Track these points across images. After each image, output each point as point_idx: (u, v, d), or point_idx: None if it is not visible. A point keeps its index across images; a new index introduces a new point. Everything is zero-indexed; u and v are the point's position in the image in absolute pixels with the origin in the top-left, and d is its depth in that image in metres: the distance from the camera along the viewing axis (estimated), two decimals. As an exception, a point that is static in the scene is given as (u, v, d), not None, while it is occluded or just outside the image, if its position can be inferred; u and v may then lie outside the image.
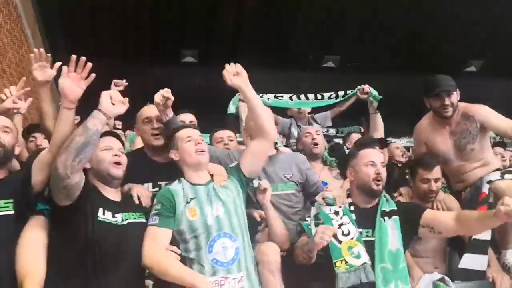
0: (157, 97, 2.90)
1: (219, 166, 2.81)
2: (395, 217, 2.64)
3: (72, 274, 2.28)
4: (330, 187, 3.43)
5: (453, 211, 3.00)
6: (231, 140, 3.80)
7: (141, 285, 2.47)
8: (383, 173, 2.72)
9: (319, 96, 4.45)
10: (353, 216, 2.67)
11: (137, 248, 2.40)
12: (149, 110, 3.06)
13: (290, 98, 4.63)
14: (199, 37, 9.87)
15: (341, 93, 4.39)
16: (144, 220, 2.53)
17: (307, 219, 2.75)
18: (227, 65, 2.64)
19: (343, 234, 2.59)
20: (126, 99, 2.33)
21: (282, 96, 4.59)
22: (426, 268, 2.93)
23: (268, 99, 4.50)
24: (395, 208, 2.70)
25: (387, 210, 2.68)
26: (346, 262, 2.51)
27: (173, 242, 2.49)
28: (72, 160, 2.20)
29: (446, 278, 2.66)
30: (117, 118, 5.59)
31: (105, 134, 2.61)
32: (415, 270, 2.74)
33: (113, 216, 2.42)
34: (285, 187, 3.11)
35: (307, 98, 4.47)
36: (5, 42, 6.18)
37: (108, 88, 3.08)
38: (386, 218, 2.64)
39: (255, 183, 2.86)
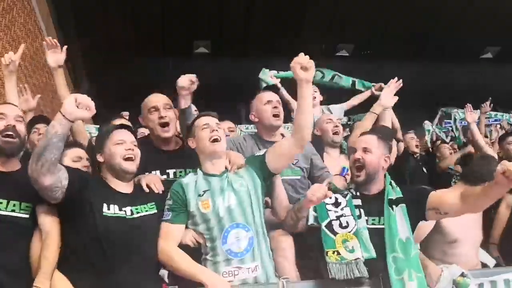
0: (184, 82, 2.90)
1: (236, 154, 2.79)
2: (402, 205, 2.60)
3: (83, 268, 2.30)
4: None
5: None
6: (231, 131, 3.75)
7: (156, 277, 2.47)
8: (366, 159, 2.65)
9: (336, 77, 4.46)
10: (359, 201, 2.64)
11: (151, 241, 2.42)
12: (155, 99, 2.98)
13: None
14: (211, 28, 9.86)
15: (359, 83, 4.38)
16: (156, 211, 2.52)
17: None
18: (300, 56, 2.44)
19: (340, 226, 2.55)
20: (92, 104, 2.25)
21: None
22: None
23: None
24: (401, 195, 2.65)
25: (394, 198, 2.63)
26: (339, 253, 2.48)
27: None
28: (35, 163, 2.17)
29: (465, 271, 2.57)
30: (125, 109, 5.60)
31: (118, 127, 2.60)
32: (431, 268, 2.63)
33: (120, 210, 2.41)
34: (291, 172, 3.07)
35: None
36: (19, 35, 6.22)
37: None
38: (394, 206, 2.60)
39: None
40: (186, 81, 2.89)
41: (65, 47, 2.97)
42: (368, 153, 2.66)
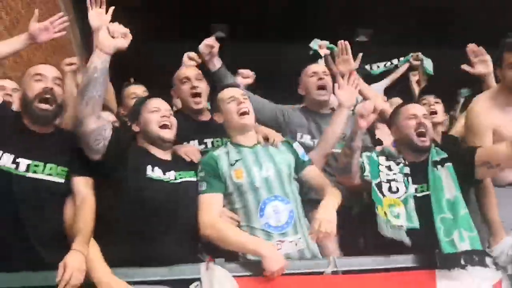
0: (202, 47, 2.94)
1: (274, 132, 2.71)
2: (448, 164, 2.51)
3: (123, 236, 2.22)
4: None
5: None
6: None
7: (196, 248, 2.39)
8: (428, 124, 2.59)
9: (374, 67, 4.34)
10: (408, 170, 2.54)
11: (193, 208, 2.35)
12: (187, 70, 3.05)
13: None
14: (229, 11, 9.76)
15: (394, 61, 4.28)
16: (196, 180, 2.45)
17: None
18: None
19: (390, 190, 2.48)
20: (127, 30, 2.19)
21: None
22: None
23: None
24: (446, 156, 2.56)
25: (438, 159, 2.55)
26: (386, 214, 2.41)
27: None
28: (80, 103, 2.14)
29: None
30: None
31: (153, 96, 2.57)
32: (499, 230, 2.49)
33: (164, 174, 2.35)
34: (339, 145, 2.91)
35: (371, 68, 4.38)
36: (40, 13, 6.16)
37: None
38: (439, 166, 2.52)
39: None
40: (204, 47, 2.93)
41: (111, 8, 2.75)
42: (427, 119, 2.61)
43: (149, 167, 2.32)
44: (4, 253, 2.13)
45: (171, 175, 2.37)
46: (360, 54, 3.01)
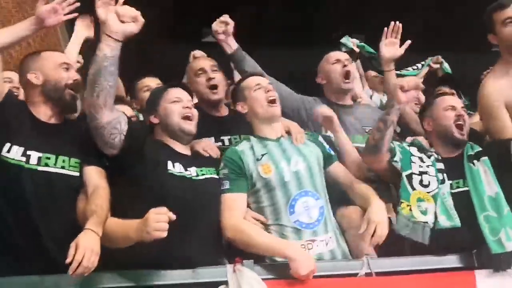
0: (216, 25, 2.75)
1: (296, 125, 2.56)
2: (484, 158, 2.37)
3: None
4: None
5: None
6: None
7: (220, 247, 2.23)
8: (466, 116, 2.47)
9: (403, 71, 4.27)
10: (442, 165, 2.41)
11: (216, 207, 2.20)
12: (202, 61, 2.89)
13: None
14: (221, 15, 9.68)
15: (419, 65, 4.23)
16: (217, 176, 2.31)
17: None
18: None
19: (421, 183, 2.33)
20: (138, 13, 1.97)
21: None
22: None
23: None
24: (481, 149, 2.43)
25: (473, 153, 2.42)
26: (411, 209, 2.27)
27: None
28: (91, 95, 1.97)
29: None
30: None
31: (173, 85, 2.41)
32: None
33: (186, 169, 2.19)
34: (362, 139, 2.73)
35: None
36: (31, 13, 5.98)
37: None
38: (475, 161, 2.38)
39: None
40: (217, 25, 2.75)
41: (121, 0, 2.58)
42: (465, 112, 2.50)
43: (169, 163, 2.16)
44: (15, 253, 1.98)
45: (192, 171, 2.22)
46: (408, 42, 2.84)
